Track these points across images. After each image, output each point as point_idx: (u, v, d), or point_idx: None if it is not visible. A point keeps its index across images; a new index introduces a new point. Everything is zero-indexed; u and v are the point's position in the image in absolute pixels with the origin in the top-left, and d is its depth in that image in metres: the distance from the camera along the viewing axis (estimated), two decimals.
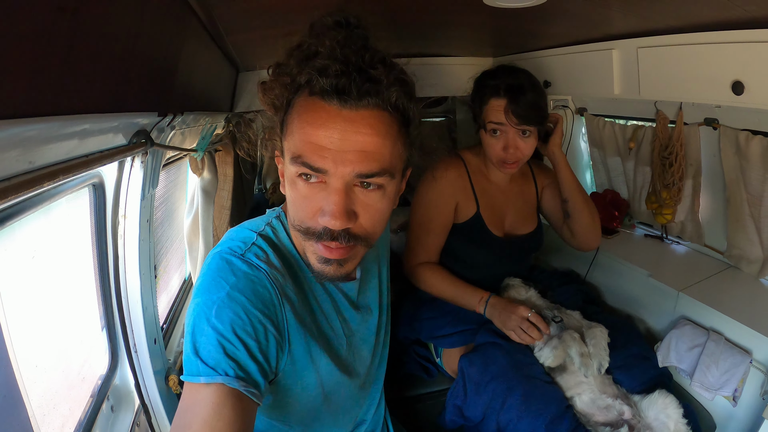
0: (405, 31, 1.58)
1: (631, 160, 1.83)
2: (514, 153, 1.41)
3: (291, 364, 0.83)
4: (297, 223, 0.77)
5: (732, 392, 1.27)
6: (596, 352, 1.23)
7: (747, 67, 1.06)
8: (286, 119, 0.76)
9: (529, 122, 1.38)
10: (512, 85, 1.39)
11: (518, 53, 1.89)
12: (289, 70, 0.74)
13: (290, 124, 0.75)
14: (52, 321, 0.99)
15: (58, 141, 0.62)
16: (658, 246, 1.83)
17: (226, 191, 1.61)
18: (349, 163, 0.70)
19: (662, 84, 1.31)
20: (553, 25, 1.41)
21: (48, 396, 0.92)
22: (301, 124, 0.72)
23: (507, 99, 1.37)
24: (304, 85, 0.73)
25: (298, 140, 0.72)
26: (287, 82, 0.75)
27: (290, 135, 0.75)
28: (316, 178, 0.72)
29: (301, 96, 0.74)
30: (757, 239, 1.44)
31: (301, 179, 0.73)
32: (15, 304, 0.84)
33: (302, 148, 0.71)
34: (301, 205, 0.75)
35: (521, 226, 1.62)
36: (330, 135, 0.70)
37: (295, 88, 0.74)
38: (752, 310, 1.33)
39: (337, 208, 0.72)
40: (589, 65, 1.54)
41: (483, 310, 1.42)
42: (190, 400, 0.69)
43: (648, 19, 1.18)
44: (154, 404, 1.22)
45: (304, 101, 0.73)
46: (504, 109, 1.37)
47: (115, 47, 0.69)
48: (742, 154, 1.37)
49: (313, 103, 0.71)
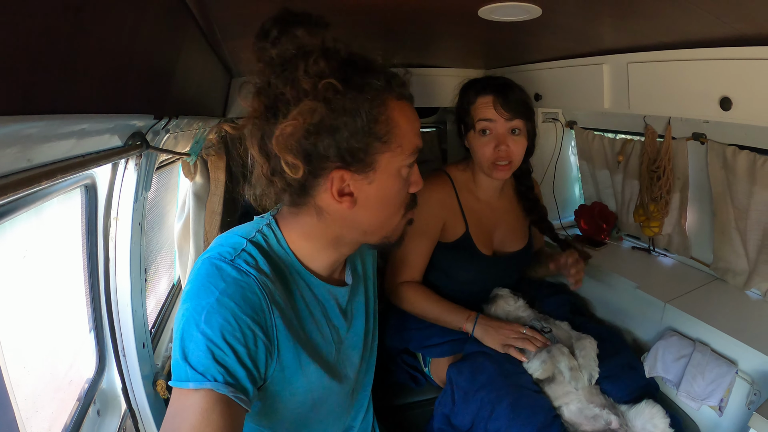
0: (398, 41, 1.59)
1: (619, 173, 1.86)
2: (505, 151, 1.40)
3: (280, 370, 0.83)
4: (402, 206, 0.88)
5: (718, 402, 1.28)
6: (586, 363, 1.24)
7: (735, 83, 1.09)
8: (387, 126, 0.79)
9: (518, 115, 1.39)
10: (498, 83, 1.42)
11: (510, 66, 1.92)
12: (365, 78, 0.77)
13: (396, 128, 0.80)
14: (40, 322, 0.98)
15: (57, 140, 0.62)
16: (645, 258, 1.86)
17: (217, 196, 1.60)
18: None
19: (652, 99, 1.34)
20: (545, 38, 1.43)
21: (34, 398, 0.91)
22: (410, 123, 0.83)
23: (494, 95, 1.39)
24: (387, 91, 0.80)
25: (412, 136, 0.83)
26: (356, 93, 0.76)
27: (400, 136, 0.81)
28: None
29: (390, 102, 0.80)
30: (743, 252, 1.46)
31: (408, 167, 0.85)
32: (4, 304, 0.83)
33: (416, 141, 0.84)
34: (404, 188, 0.86)
35: (510, 243, 1.61)
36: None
37: (376, 96, 0.78)
38: (738, 322, 1.35)
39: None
40: (580, 79, 1.57)
41: (471, 329, 1.39)
42: (178, 405, 0.69)
43: (639, 35, 1.21)
44: (141, 409, 1.21)
45: (400, 105, 0.82)
46: (492, 104, 1.38)
47: (114, 49, 0.69)
48: (729, 168, 1.40)
49: (404, 104, 0.83)
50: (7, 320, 0.85)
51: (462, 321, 1.41)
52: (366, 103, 0.76)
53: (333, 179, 0.79)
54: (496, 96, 1.38)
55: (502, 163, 1.42)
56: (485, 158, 1.43)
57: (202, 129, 1.45)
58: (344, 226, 0.85)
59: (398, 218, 0.89)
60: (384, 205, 0.85)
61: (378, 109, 0.77)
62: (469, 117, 1.44)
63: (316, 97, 0.73)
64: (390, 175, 0.82)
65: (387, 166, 0.81)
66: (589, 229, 2.05)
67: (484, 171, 1.47)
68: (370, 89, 0.76)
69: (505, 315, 1.47)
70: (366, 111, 0.76)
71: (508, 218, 1.61)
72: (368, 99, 0.76)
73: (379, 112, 0.77)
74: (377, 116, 0.77)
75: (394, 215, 0.88)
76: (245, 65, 1.71)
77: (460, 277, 1.55)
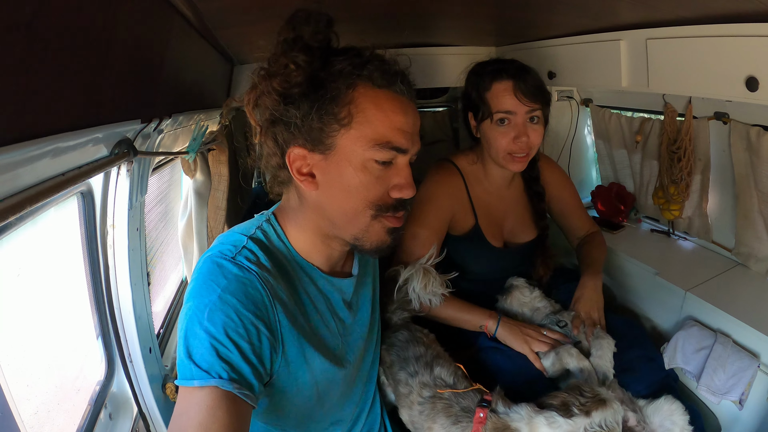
0: (405, 21, 1.52)
1: (637, 153, 1.78)
2: (525, 143, 1.31)
3: (285, 365, 0.84)
4: (368, 203, 0.83)
5: (739, 396, 1.24)
6: (602, 363, 1.20)
7: (762, 62, 1.00)
8: (349, 110, 0.78)
9: (538, 100, 1.30)
10: (515, 66, 1.32)
11: (521, 42, 1.83)
12: (312, 62, 0.77)
13: (360, 113, 0.79)
14: (46, 331, 0.97)
15: (25, 166, 0.58)
16: (664, 242, 1.79)
17: (221, 191, 1.57)
18: (416, 143, 0.85)
19: (672, 77, 1.25)
20: (558, 14, 1.35)
21: (41, 409, 0.91)
22: (383, 113, 0.79)
23: (513, 80, 1.29)
24: (360, 77, 0.79)
25: (382, 127, 0.79)
26: (324, 74, 0.78)
27: (363, 123, 0.79)
28: (391, 159, 0.82)
29: (361, 87, 0.79)
30: (765, 237, 1.40)
31: (375, 163, 0.81)
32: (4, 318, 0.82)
33: (389, 134, 0.80)
34: (374, 185, 0.82)
35: (521, 233, 1.55)
36: (409, 121, 0.82)
37: (346, 80, 0.78)
38: (761, 312, 1.29)
39: (411, 180, 0.85)
40: (596, 56, 1.48)
41: (494, 329, 1.32)
42: (184, 404, 0.70)
43: (657, 10, 1.14)
44: (151, 412, 1.21)
45: (374, 92, 0.80)
46: (512, 90, 1.29)
47: (83, 56, 0.65)
48: (753, 149, 1.32)
49: (385, 93, 0.80)
50: (9, 333, 0.84)
51: (484, 319, 1.33)
52: (328, 83, 0.78)
53: (291, 155, 0.82)
54: (516, 81, 1.29)
55: (520, 155, 1.34)
56: (501, 149, 1.34)
57: (200, 125, 1.41)
58: (318, 214, 0.86)
59: (366, 217, 0.84)
60: (346, 194, 0.82)
61: (342, 91, 0.78)
62: (485, 105, 1.34)
63: (278, 74, 0.77)
64: (350, 162, 0.80)
65: (347, 152, 0.80)
66: (607, 210, 1.99)
67: (498, 162, 1.39)
68: (334, 69, 0.78)
69: (520, 306, 1.43)
70: (328, 90, 0.78)
71: (518, 208, 1.55)
72: (329, 79, 0.78)
73: (341, 93, 0.78)
74: (337, 97, 0.78)
75: (361, 212, 0.83)
76: (248, 53, 1.66)
77: (471, 270, 1.50)
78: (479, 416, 0.99)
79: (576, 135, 2.06)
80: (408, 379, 1.11)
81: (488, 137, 1.36)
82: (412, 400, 1.08)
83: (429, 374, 1.10)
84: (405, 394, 1.11)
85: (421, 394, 1.08)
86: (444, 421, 1.02)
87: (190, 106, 1.32)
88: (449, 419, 1.02)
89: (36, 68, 0.53)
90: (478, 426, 0.98)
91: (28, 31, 0.49)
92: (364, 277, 1.06)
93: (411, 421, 1.10)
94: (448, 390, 1.07)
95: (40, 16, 0.51)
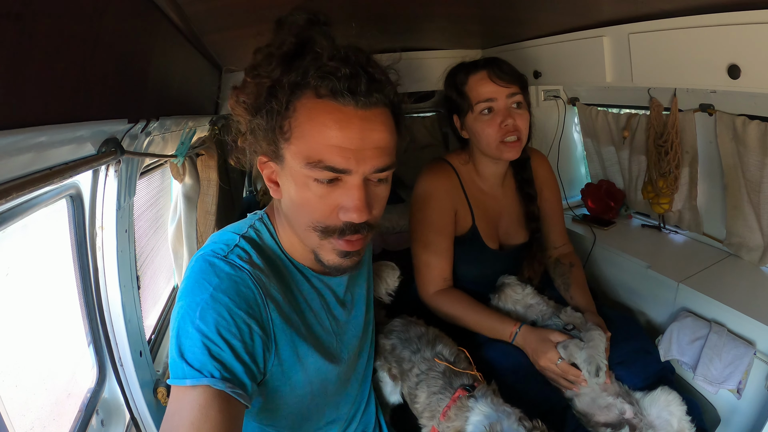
0: (389, 25, 1.53)
1: (625, 149, 1.80)
2: (513, 125, 1.31)
3: (278, 364, 0.83)
4: (313, 224, 0.78)
5: (736, 385, 1.24)
6: (594, 354, 1.18)
7: (743, 49, 1.02)
8: (289, 123, 0.74)
9: (516, 81, 1.32)
10: (486, 59, 1.37)
11: (507, 44, 1.85)
12: (272, 72, 0.74)
13: (297, 128, 0.73)
14: (35, 337, 0.96)
15: (11, 156, 0.58)
16: (655, 236, 1.80)
17: (210, 196, 1.57)
18: (369, 160, 0.74)
19: (655, 70, 1.27)
20: (542, 12, 1.37)
21: (32, 415, 0.89)
22: (316, 127, 0.72)
23: (487, 69, 1.32)
24: (306, 86, 0.73)
25: (314, 144, 0.72)
26: (278, 83, 0.74)
27: (299, 138, 0.74)
28: (331, 178, 0.74)
29: (304, 98, 0.73)
30: (756, 226, 1.41)
31: (315, 181, 0.74)
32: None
33: (322, 152, 0.72)
34: (317, 205, 0.76)
35: (515, 234, 1.54)
36: (350, 136, 0.72)
37: (291, 89, 0.73)
38: (754, 300, 1.30)
39: (360, 203, 0.75)
40: (580, 53, 1.50)
41: (512, 340, 1.30)
42: (176, 403, 0.69)
43: (639, 4, 1.15)
44: (143, 417, 1.19)
45: (313, 103, 0.73)
46: (488, 77, 1.31)
47: (70, 52, 0.65)
48: (739, 139, 1.33)
49: (324, 104, 0.72)
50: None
51: (507, 334, 1.30)
52: (280, 93, 0.74)
53: (259, 162, 0.82)
54: (490, 69, 1.32)
55: (511, 139, 1.32)
56: (492, 138, 1.33)
57: (188, 129, 1.41)
58: (288, 219, 0.84)
59: (313, 235, 0.79)
60: (295, 207, 0.79)
61: (284, 102, 0.74)
62: (465, 100, 1.35)
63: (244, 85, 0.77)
64: (294, 178, 0.77)
65: (292, 167, 0.76)
66: (597, 208, 2.00)
67: (491, 154, 1.38)
68: (289, 78, 0.73)
69: (513, 304, 1.42)
70: (277, 101, 0.74)
71: (511, 209, 1.54)
72: (282, 89, 0.73)
73: (284, 105, 0.74)
74: (281, 109, 0.74)
75: (307, 228, 0.79)
76: (236, 60, 1.66)
77: (464, 272, 1.48)
78: (456, 395, 1.02)
79: (564, 134, 2.07)
80: (411, 356, 1.15)
81: (475, 131, 1.36)
82: (413, 372, 1.12)
83: (431, 350, 1.14)
84: (407, 369, 1.14)
85: (420, 367, 1.11)
86: (430, 389, 1.07)
87: (178, 110, 1.32)
88: (434, 388, 1.07)
89: (23, 59, 0.53)
90: (451, 403, 1.01)
91: (17, 21, 0.49)
92: (357, 276, 1.05)
93: (408, 393, 1.13)
94: (444, 363, 1.10)
95: (29, 7, 0.51)
